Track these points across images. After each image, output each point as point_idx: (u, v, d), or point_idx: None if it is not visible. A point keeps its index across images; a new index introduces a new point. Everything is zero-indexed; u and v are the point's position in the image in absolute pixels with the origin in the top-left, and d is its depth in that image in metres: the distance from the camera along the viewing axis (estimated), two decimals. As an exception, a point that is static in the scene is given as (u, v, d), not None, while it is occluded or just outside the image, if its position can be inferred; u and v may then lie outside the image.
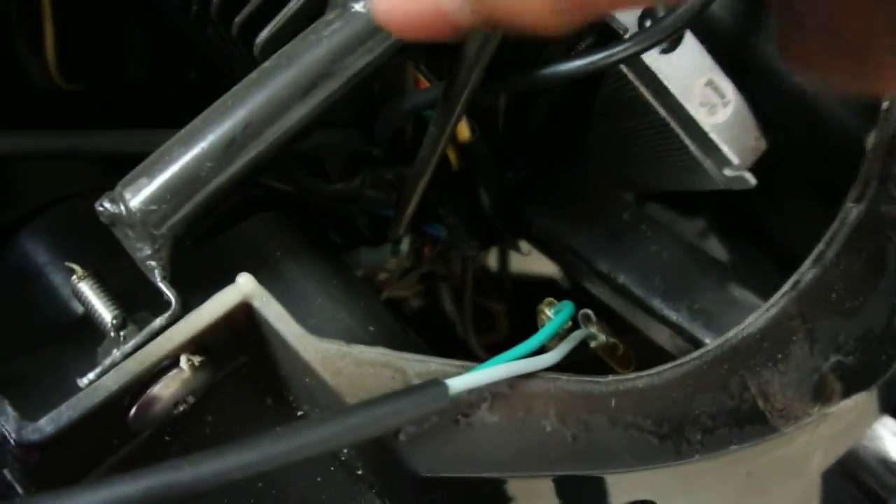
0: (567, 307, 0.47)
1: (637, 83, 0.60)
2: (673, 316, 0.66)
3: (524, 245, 0.82)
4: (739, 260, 0.73)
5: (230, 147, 0.41)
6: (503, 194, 0.73)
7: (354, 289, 0.66)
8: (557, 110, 0.69)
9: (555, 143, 0.73)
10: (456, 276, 0.90)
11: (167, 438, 0.46)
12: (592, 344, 0.52)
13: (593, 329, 0.51)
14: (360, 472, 0.48)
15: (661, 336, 0.69)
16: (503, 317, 1.01)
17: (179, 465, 0.34)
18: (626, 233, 0.69)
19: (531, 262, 0.90)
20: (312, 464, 0.48)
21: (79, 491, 0.32)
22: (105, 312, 0.42)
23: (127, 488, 0.33)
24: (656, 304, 0.66)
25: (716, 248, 0.74)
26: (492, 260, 0.98)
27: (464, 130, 0.65)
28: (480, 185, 0.71)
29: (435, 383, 0.39)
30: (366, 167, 0.71)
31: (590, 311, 0.51)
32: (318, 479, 0.48)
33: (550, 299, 0.50)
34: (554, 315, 0.48)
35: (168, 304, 0.41)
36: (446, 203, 0.76)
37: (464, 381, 0.40)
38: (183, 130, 0.42)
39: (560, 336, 0.50)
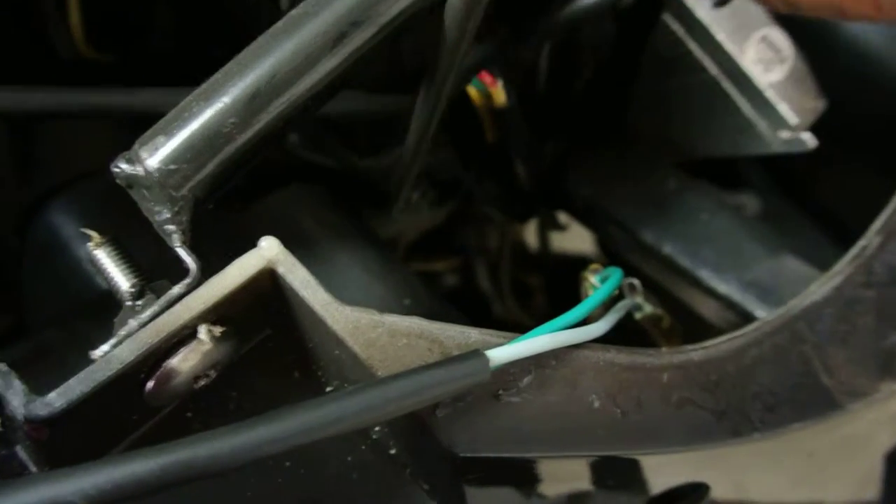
0: (615, 274, 0.44)
1: (687, 39, 0.57)
2: (722, 288, 0.62)
3: (563, 218, 0.78)
4: (792, 230, 0.69)
5: (254, 101, 0.38)
6: (541, 165, 0.70)
7: (390, 262, 0.63)
8: (602, 72, 0.65)
9: (598, 108, 0.69)
10: (492, 251, 0.87)
11: (189, 415, 0.43)
12: (637, 315, 0.48)
13: (639, 299, 0.48)
14: (393, 452, 0.45)
15: (709, 310, 0.66)
16: (540, 291, 0.98)
17: (197, 441, 0.31)
18: (672, 202, 0.66)
19: (568, 236, 0.86)
20: (343, 443, 0.45)
21: (87, 468, 0.29)
22: (122, 281, 0.39)
23: (139, 466, 0.30)
24: (704, 275, 0.63)
25: (767, 219, 0.70)
26: (529, 235, 0.95)
27: (499, 95, 0.62)
28: (515, 156, 0.68)
29: (476, 354, 0.36)
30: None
31: (635, 281, 0.48)
32: (349, 460, 0.45)
33: (595, 265, 0.46)
34: (600, 282, 0.44)
35: (187, 271, 0.39)
36: (481, 178, 0.73)
37: (506, 352, 0.37)
38: (204, 84, 0.39)
39: (604, 306, 0.47)
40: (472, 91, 0.63)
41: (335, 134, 0.72)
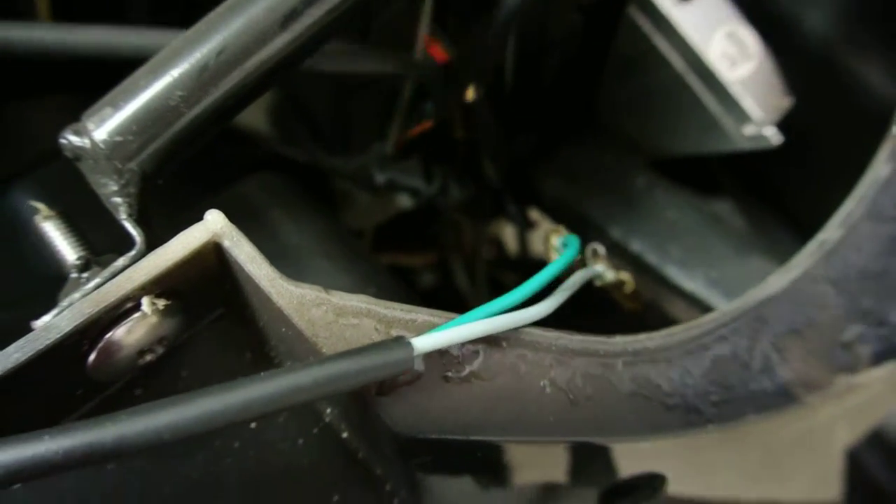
0: (572, 246, 0.43)
1: (652, 33, 0.57)
2: (688, 285, 0.62)
3: (534, 215, 0.78)
4: (760, 230, 0.69)
5: (202, 75, 0.38)
6: (510, 161, 0.70)
7: (356, 252, 0.63)
8: (569, 69, 0.65)
9: (567, 104, 0.69)
10: (467, 248, 0.87)
11: (138, 392, 0.43)
12: (598, 283, 0.48)
13: (600, 266, 0.48)
14: (344, 436, 0.45)
15: (677, 309, 0.66)
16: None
17: (103, 423, 0.30)
18: (640, 199, 0.66)
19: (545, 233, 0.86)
20: (294, 426, 0.45)
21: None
22: (68, 253, 0.39)
23: (45, 447, 0.30)
24: (671, 272, 0.63)
25: (735, 218, 0.70)
26: (506, 232, 0.95)
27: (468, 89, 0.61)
28: (483, 151, 0.68)
29: (399, 342, 0.35)
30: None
31: (599, 246, 0.47)
32: (300, 442, 0.45)
33: (559, 228, 0.46)
34: (562, 246, 0.44)
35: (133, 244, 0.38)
36: (445, 186, 0.73)
37: (432, 339, 0.36)
38: (153, 58, 0.39)
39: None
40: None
41: (307, 130, 0.72)
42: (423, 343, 0.35)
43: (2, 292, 0.60)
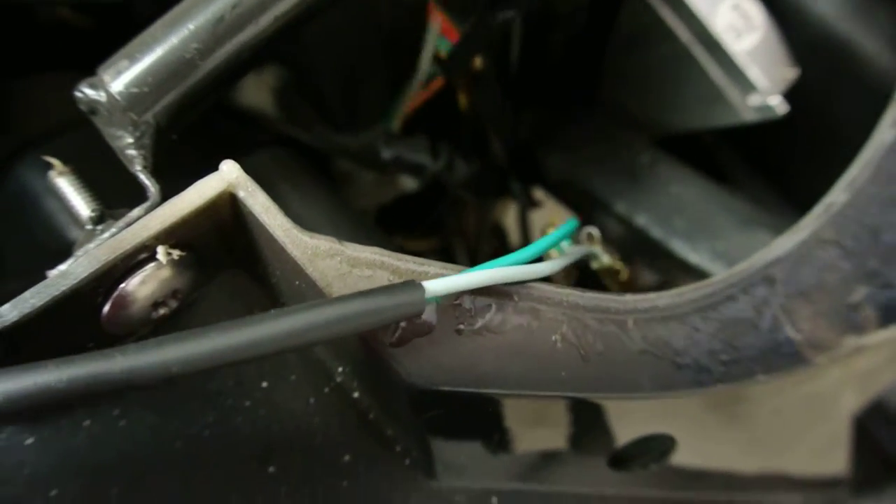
0: (570, 223, 0.44)
1: (657, 6, 0.57)
2: (693, 257, 0.62)
3: (539, 195, 0.78)
4: (764, 205, 0.69)
5: (218, 27, 0.38)
6: (515, 135, 0.70)
7: (362, 225, 0.63)
8: (574, 44, 0.66)
9: (573, 79, 0.69)
10: (471, 233, 0.87)
11: (149, 351, 0.43)
12: (594, 265, 0.48)
13: (596, 248, 0.48)
14: (356, 396, 0.45)
15: (682, 284, 0.66)
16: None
17: (111, 354, 0.30)
18: (644, 174, 0.66)
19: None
20: (305, 385, 0.45)
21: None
22: (83, 207, 0.39)
23: (49, 376, 0.30)
24: (676, 245, 0.63)
25: (739, 195, 0.70)
26: (509, 218, 0.95)
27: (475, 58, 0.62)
28: (488, 123, 0.68)
29: (410, 284, 0.35)
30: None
31: (594, 229, 0.48)
32: (311, 401, 0.45)
33: (556, 219, 0.46)
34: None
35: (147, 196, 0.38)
36: (452, 162, 0.73)
37: (443, 284, 0.36)
38: (169, 12, 0.39)
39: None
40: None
41: (312, 107, 0.72)
42: (434, 286, 0.35)
43: (14, 262, 0.60)
